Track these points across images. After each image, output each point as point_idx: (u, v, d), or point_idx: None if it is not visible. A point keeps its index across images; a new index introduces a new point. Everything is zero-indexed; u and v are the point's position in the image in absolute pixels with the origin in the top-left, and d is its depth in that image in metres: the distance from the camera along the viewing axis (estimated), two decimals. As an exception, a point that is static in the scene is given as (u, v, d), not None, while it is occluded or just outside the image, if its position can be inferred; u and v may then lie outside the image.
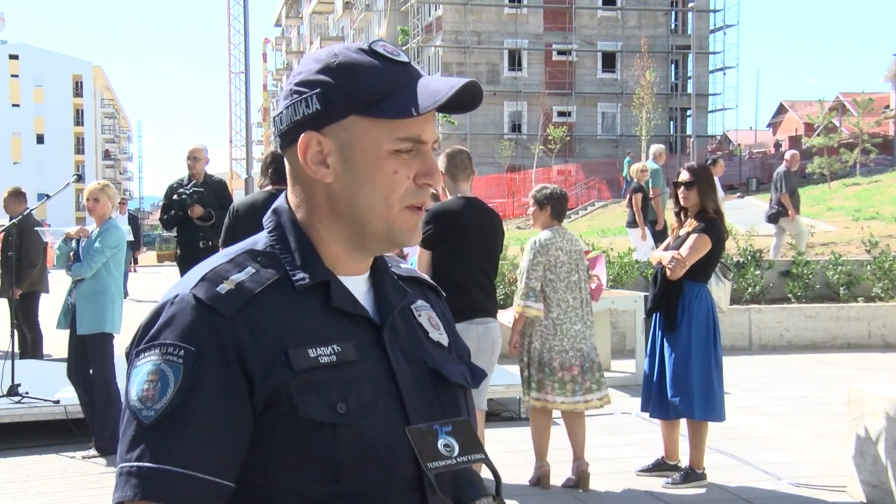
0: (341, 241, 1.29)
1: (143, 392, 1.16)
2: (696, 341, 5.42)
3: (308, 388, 1.18)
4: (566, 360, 5.34)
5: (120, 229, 6.43)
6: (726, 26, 49.77)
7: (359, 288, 1.31)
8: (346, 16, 63.04)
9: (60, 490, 5.59)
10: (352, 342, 1.24)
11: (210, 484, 1.14)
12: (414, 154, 1.26)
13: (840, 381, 8.13)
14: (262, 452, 1.18)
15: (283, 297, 1.24)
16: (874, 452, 5.03)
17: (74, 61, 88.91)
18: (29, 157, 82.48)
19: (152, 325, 1.21)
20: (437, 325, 1.40)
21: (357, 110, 1.24)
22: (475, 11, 46.89)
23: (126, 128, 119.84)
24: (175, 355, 1.17)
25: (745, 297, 11.46)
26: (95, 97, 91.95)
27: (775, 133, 66.32)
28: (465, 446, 1.28)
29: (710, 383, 5.42)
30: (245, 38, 13.70)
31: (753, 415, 7.45)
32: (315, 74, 1.26)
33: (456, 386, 1.35)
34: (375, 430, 1.21)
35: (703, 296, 5.51)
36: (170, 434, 1.14)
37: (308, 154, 1.27)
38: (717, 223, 5.50)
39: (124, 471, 1.15)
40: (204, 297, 1.20)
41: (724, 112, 51.50)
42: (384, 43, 1.29)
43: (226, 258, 1.27)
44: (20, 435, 6.57)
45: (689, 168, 5.66)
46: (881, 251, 12.40)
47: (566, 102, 47.43)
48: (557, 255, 5.38)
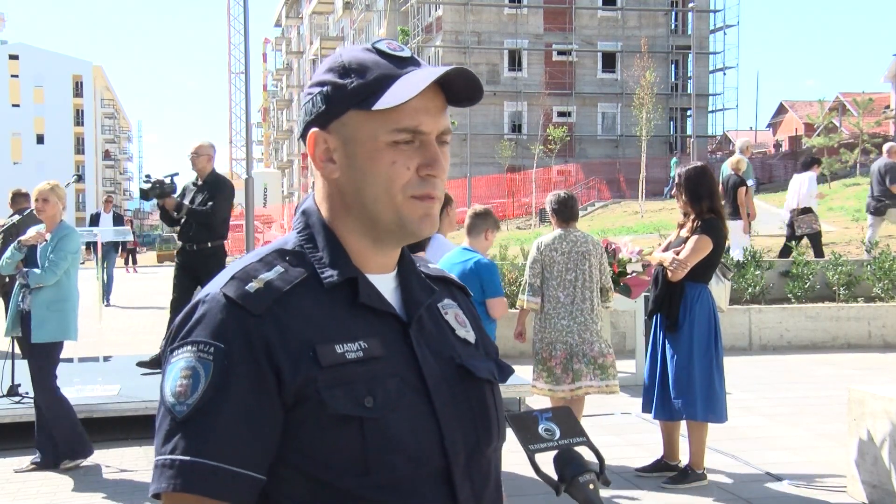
0: (360, 235, 1.32)
1: (177, 388, 1.20)
2: (697, 342, 5.43)
3: (335, 383, 1.21)
4: (552, 352, 5.84)
5: (76, 233, 6.21)
6: (726, 26, 49.76)
7: (386, 285, 1.34)
8: (346, 16, 63.03)
9: (60, 490, 5.59)
10: (378, 338, 1.27)
11: (241, 476, 1.17)
12: (416, 145, 1.28)
13: (840, 382, 8.13)
14: (293, 446, 1.21)
15: (311, 295, 1.27)
16: (874, 452, 5.03)
17: (74, 61, 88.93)
18: (29, 158, 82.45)
19: (186, 322, 1.24)
20: (464, 323, 1.43)
21: (354, 105, 1.27)
22: (475, 12, 46.88)
23: (126, 128, 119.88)
24: (206, 352, 1.20)
25: (746, 297, 11.46)
26: (95, 97, 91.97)
27: (775, 133, 66.31)
28: (566, 431, 1.34)
29: (712, 384, 5.42)
30: (245, 39, 13.65)
31: (753, 415, 7.45)
32: (322, 75, 1.32)
33: (483, 381, 1.37)
34: (403, 424, 1.24)
35: (704, 297, 5.51)
36: (202, 428, 1.17)
37: (316, 151, 1.32)
38: (716, 224, 5.49)
39: (159, 463, 1.19)
40: (234, 295, 1.23)
41: (724, 112, 51.49)
42: (389, 41, 1.32)
43: (256, 257, 1.30)
44: (20, 435, 6.56)
45: (680, 172, 5.68)
46: (881, 251, 12.41)
47: (566, 102, 47.42)
48: (552, 255, 5.90)
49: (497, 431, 1.37)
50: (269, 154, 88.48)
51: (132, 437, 6.57)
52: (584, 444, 1.35)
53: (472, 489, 1.29)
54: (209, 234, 8.08)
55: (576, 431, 1.36)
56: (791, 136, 56.14)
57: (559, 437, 1.33)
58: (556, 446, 1.32)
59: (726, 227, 5.64)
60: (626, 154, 44.09)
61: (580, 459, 1.31)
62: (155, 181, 8.16)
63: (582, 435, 1.36)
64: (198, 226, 8.01)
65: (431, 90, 1.28)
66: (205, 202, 8.03)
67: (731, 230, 12.75)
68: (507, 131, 46.53)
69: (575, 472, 1.28)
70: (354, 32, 60.27)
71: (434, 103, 1.28)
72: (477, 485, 1.31)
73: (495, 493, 1.36)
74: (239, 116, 50.92)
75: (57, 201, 6.07)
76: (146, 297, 17.87)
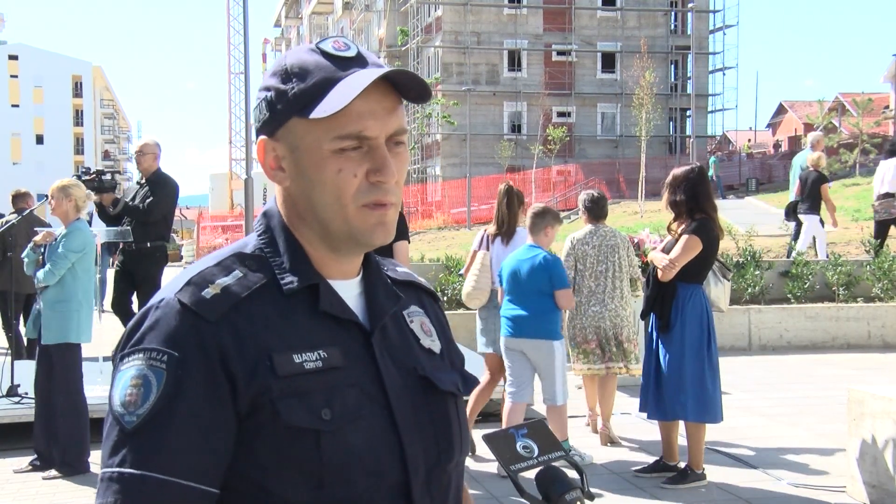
0: (317, 243, 1.27)
1: (126, 397, 1.14)
2: (689, 343, 5.44)
3: (291, 393, 1.17)
4: (586, 335, 6.44)
5: (83, 232, 6.00)
6: (726, 27, 49.76)
7: (350, 292, 1.29)
8: (345, 16, 63.01)
9: (60, 491, 5.59)
10: (339, 347, 1.22)
11: (192, 490, 1.13)
12: (364, 150, 1.22)
13: (840, 382, 8.13)
14: (247, 458, 1.16)
15: (270, 302, 1.22)
16: (874, 453, 5.02)
17: (74, 62, 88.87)
18: (29, 158, 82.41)
19: (137, 329, 1.19)
20: (430, 332, 1.38)
21: (296, 112, 1.22)
22: (475, 12, 46.87)
23: (126, 128, 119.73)
24: (158, 360, 1.15)
25: (745, 297, 11.45)
26: (95, 98, 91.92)
27: (775, 133, 66.34)
28: (544, 446, 1.31)
29: (704, 384, 5.42)
30: (245, 39, 13.63)
31: (753, 415, 7.45)
32: (267, 79, 1.26)
33: (446, 393, 1.32)
34: (361, 436, 1.19)
35: (696, 297, 5.51)
36: (151, 440, 1.12)
37: (265, 160, 1.27)
38: (707, 223, 5.48)
39: (105, 476, 1.14)
40: (188, 301, 1.18)
41: (723, 112, 51.55)
42: (336, 39, 1.26)
43: (213, 261, 1.25)
44: (20, 435, 6.56)
45: (675, 173, 5.68)
46: (880, 252, 12.40)
47: (566, 103, 47.41)
48: (584, 249, 6.50)
49: (459, 446, 1.32)
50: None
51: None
52: (562, 458, 1.33)
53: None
54: (146, 234, 7.78)
55: (553, 446, 1.33)
56: (791, 137, 56.12)
57: (538, 454, 1.31)
58: (536, 464, 1.30)
59: (719, 227, 5.62)
60: (626, 154, 44.09)
61: (563, 477, 1.28)
62: (94, 172, 7.79)
63: (559, 449, 1.34)
64: (136, 224, 7.69)
65: (380, 90, 1.21)
66: (144, 199, 7.79)
67: (807, 224, 12.91)
68: (506, 131, 46.53)
69: (560, 490, 1.26)
70: (354, 33, 60.24)
71: (382, 105, 1.22)
72: (437, 500, 1.27)
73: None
74: (238, 117, 50.83)
75: (63, 199, 5.94)
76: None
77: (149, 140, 8.20)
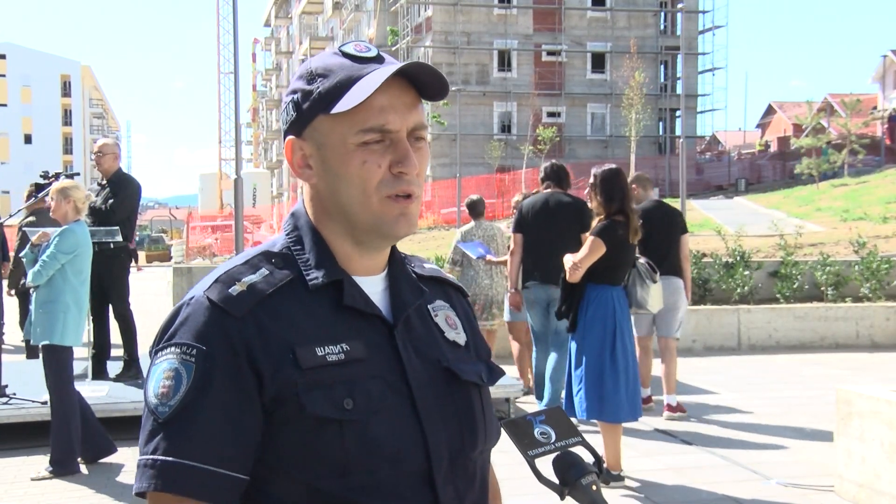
0: (343, 238, 1.33)
1: (160, 389, 1.22)
2: (588, 343, 5.49)
3: (315, 385, 1.22)
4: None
5: (76, 234, 5.93)
6: (715, 27, 49.96)
7: (374, 287, 1.34)
8: (335, 16, 62.96)
9: (48, 492, 5.57)
10: (362, 340, 1.28)
11: (221, 476, 1.19)
12: (386, 144, 1.28)
13: (828, 381, 8.17)
14: (273, 448, 1.22)
15: (295, 298, 1.28)
16: (862, 452, 5.05)
17: (62, 61, 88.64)
18: (17, 158, 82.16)
19: (170, 325, 1.27)
20: (455, 325, 1.43)
21: (321, 110, 1.29)
22: (465, 12, 46.90)
23: (115, 128, 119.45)
24: (189, 354, 1.22)
25: (734, 297, 11.49)
26: (84, 97, 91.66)
27: (764, 134, 66.55)
28: (561, 433, 1.35)
29: (603, 384, 5.42)
30: (234, 39, 13.62)
31: (742, 415, 7.48)
32: (294, 83, 1.34)
33: (469, 384, 1.37)
34: (383, 426, 1.24)
35: (602, 298, 5.52)
36: (182, 429, 1.19)
37: (293, 159, 1.34)
38: (612, 225, 5.49)
39: (142, 463, 1.21)
40: (216, 298, 1.25)
41: (713, 113, 51.86)
42: (357, 42, 1.34)
43: (242, 260, 1.32)
44: (8, 436, 6.53)
45: (595, 172, 5.67)
46: (869, 252, 12.46)
47: (555, 103, 47.49)
48: (472, 237, 8.43)
49: (483, 435, 1.36)
50: (259, 154, 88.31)
51: (121, 437, 6.54)
52: (579, 444, 1.37)
53: (455, 492, 1.30)
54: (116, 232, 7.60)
55: (570, 432, 1.37)
56: (780, 137, 56.37)
57: (555, 440, 1.35)
58: (553, 449, 1.34)
59: (633, 229, 5.55)
60: (616, 154, 44.17)
61: (580, 461, 1.32)
62: (52, 175, 7.64)
63: (577, 435, 1.38)
64: (98, 225, 7.55)
65: (399, 87, 1.29)
66: (105, 200, 7.71)
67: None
68: (496, 131, 46.58)
69: (577, 474, 1.30)
70: (344, 32, 60.21)
71: (402, 100, 1.29)
72: (461, 488, 1.31)
73: (480, 496, 1.36)
74: (228, 117, 50.78)
75: (62, 201, 5.94)
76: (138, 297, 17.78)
77: (108, 140, 8.15)
